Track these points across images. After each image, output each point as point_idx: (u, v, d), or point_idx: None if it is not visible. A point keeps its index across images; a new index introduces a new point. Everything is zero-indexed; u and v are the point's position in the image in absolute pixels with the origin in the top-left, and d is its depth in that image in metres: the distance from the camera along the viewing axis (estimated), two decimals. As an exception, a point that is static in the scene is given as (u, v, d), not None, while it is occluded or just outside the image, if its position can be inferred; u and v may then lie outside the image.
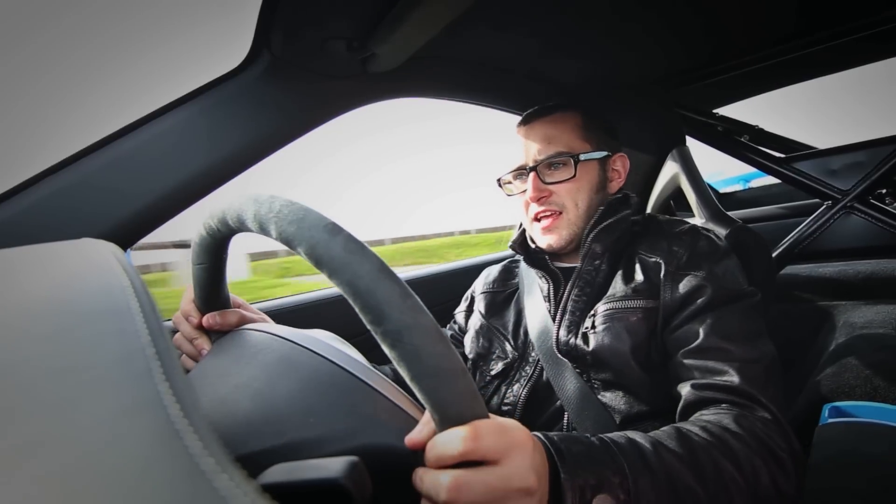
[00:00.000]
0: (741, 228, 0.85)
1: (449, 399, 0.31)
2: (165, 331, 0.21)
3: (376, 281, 0.30)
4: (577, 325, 0.69)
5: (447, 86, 0.99)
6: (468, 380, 0.32)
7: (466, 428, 0.32)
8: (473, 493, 0.32)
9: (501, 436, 0.33)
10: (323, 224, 0.32)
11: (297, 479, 0.27)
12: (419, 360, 0.30)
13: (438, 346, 0.31)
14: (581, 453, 0.40)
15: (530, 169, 0.74)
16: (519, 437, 0.35)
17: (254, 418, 0.35)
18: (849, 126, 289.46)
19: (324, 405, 0.37)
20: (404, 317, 0.30)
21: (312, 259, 0.32)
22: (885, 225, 1.11)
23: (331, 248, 0.31)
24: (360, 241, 0.32)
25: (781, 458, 0.50)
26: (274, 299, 1.04)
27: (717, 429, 0.50)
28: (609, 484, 0.40)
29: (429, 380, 0.30)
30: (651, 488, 0.41)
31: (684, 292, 0.63)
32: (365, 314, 0.31)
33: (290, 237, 0.33)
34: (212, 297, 0.49)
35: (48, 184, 0.61)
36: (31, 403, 0.17)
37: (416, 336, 0.30)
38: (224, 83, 0.72)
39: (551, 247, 0.75)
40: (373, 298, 0.30)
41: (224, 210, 0.38)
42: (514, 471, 0.33)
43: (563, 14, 0.83)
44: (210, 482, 0.15)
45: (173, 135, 0.68)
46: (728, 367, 0.57)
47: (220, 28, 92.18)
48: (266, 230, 0.34)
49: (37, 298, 0.24)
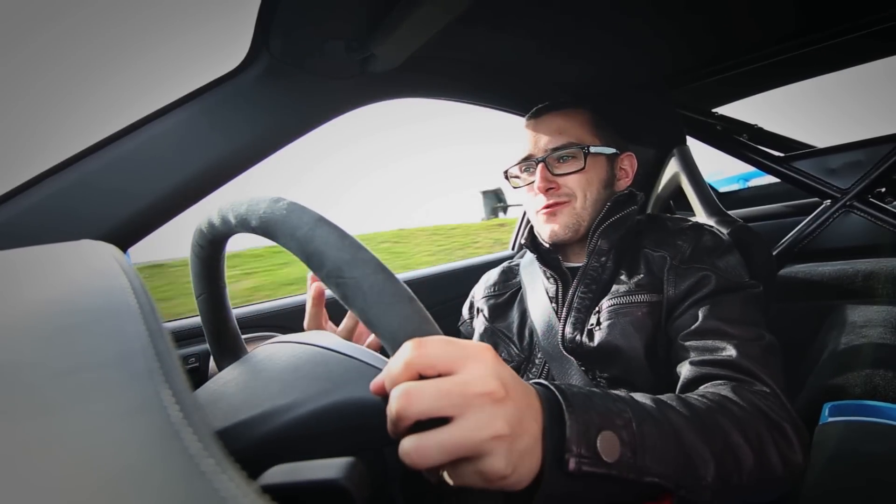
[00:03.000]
0: (741, 227, 0.85)
1: (397, 323, 0.30)
2: (165, 332, 0.21)
3: (314, 228, 0.32)
4: (582, 323, 0.69)
5: (447, 86, 0.99)
6: (416, 304, 0.31)
7: (412, 341, 0.30)
8: (425, 399, 0.28)
9: (450, 344, 0.31)
10: (270, 198, 0.34)
11: (297, 479, 0.27)
12: (362, 291, 0.30)
13: (379, 274, 0.31)
14: (583, 394, 0.38)
15: (539, 160, 0.73)
16: (474, 347, 0.32)
17: (234, 401, 0.37)
18: (848, 125, 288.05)
19: (299, 378, 0.38)
20: (342, 253, 0.31)
21: (262, 230, 0.34)
22: (884, 223, 1.11)
23: (274, 212, 0.33)
24: (300, 204, 0.33)
25: (783, 427, 0.49)
26: (274, 300, 1.04)
27: (717, 397, 0.49)
28: (613, 424, 0.37)
29: (375, 308, 0.30)
30: (657, 436, 0.39)
31: (688, 285, 0.64)
32: (309, 262, 0.32)
33: (244, 218, 0.35)
34: (220, 331, 0.48)
35: (47, 185, 0.61)
36: (31, 404, 0.17)
37: (355, 269, 0.30)
38: (223, 84, 0.72)
39: (555, 234, 0.74)
40: (311, 244, 0.31)
41: (198, 224, 0.41)
42: (471, 376, 0.30)
43: (563, 14, 0.83)
44: (210, 483, 0.15)
45: (173, 136, 0.68)
46: (726, 345, 0.57)
47: (219, 28, 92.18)
48: (227, 223, 0.37)
49: (36, 300, 0.24)
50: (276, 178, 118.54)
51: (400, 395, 0.29)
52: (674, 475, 0.39)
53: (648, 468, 0.38)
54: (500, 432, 0.29)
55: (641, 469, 0.37)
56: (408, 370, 0.29)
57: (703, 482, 0.41)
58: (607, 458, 0.36)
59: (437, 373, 0.30)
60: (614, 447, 0.36)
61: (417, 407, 0.28)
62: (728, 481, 0.42)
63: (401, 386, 0.29)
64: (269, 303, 1.02)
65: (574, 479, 0.34)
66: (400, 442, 0.30)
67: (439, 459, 0.28)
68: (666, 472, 0.38)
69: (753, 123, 1.34)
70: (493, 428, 0.29)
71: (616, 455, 0.36)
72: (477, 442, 0.28)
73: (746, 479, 0.44)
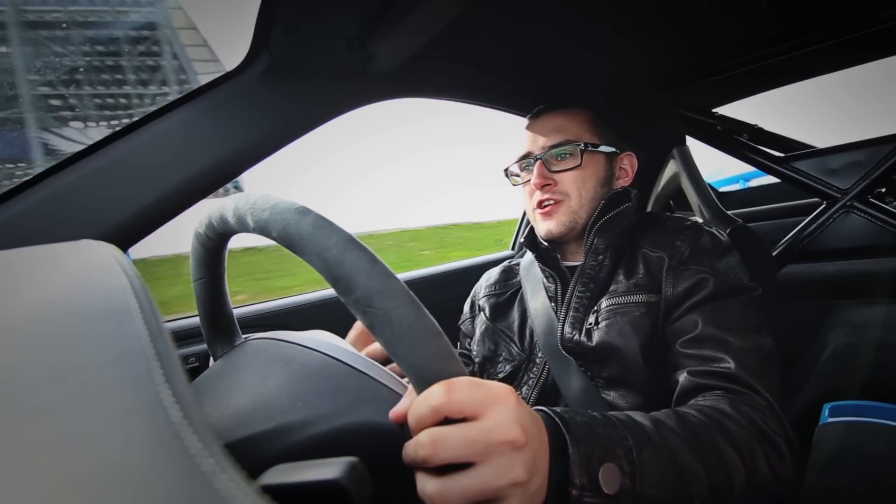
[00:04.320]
0: (741, 228, 0.85)
1: (423, 360, 0.31)
2: (165, 332, 0.21)
3: (344, 251, 0.31)
4: (580, 322, 0.69)
5: (447, 86, 0.99)
6: (443, 340, 0.31)
7: (440, 384, 0.30)
8: (451, 447, 0.30)
9: (478, 388, 0.31)
10: (294, 207, 0.33)
11: (297, 480, 0.27)
12: (390, 323, 0.30)
13: (409, 307, 0.30)
14: (585, 423, 0.39)
15: (536, 157, 0.74)
16: (499, 390, 0.33)
17: (243, 409, 0.36)
18: (848, 125, 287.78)
19: (311, 391, 0.37)
20: (373, 282, 0.30)
21: (285, 241, 0.33)
22: (884, 224, 1.11)
23: (300, 226, 0.32)
24: (328, 219, 0.33)
25: (777, 442, 0.50)
26: (274, 300, 1.04)
27: (713, 412, 0.49)
28: (614, 454, 0.38)
29: (402, 342, 0.30)
30: (655, 462, 0.40)
31: (686, 286, 0.63)
32: (336, 285, 0.31)
33: (264, 224, 0.34)
34: (215, 314, 0.48)
35: (48, 185, 0.61)
36: (30, 405, 0.17)
37: (385, 300, 0.30)
38: (223, 83, 0.72)
39: (550, 232, 0.74)
40: (341, 268, 0.30)
41: (209, 214, 0.39)
42: (495, 424, 0.31)
43: (563, 15, 0.83)
44: (210, 483, 0.15)
45: (173, 135, 0.68)
46: (724, 356, 0.57)
47: (219, 28, 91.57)
48: (244, 224, 0.35)
49: (36, 300, 0.24)
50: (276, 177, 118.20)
51: (427, 442, 0.30)
52: (669, 498, 0.40)
53: (647, 494, 0.39)
54: (518, 479, 0.30)
55: (640, 496, 0.39)
56: (436, 415, 0.30)
57: (695, 500, 0.42)
58: (608, 489, 0.37)
59: (464, 416, 0.31)
60: (615, 478, 0.38)
61: (444, 455, 0.30)
62: (719, 497, 0.43)
63: (427, 432, 0.30)
64: (269, 303, 1.02)
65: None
66: (419, 479, 0.31)
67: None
68: (662, 496, 0.40)
69: (753, 123, 1.34)
70: (513, 475, 0.30)
71: (616, 487, 0.37)
72: (497, 489, 0.30)
73: (737, 494, 0.45)
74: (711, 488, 0.42)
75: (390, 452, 0.33)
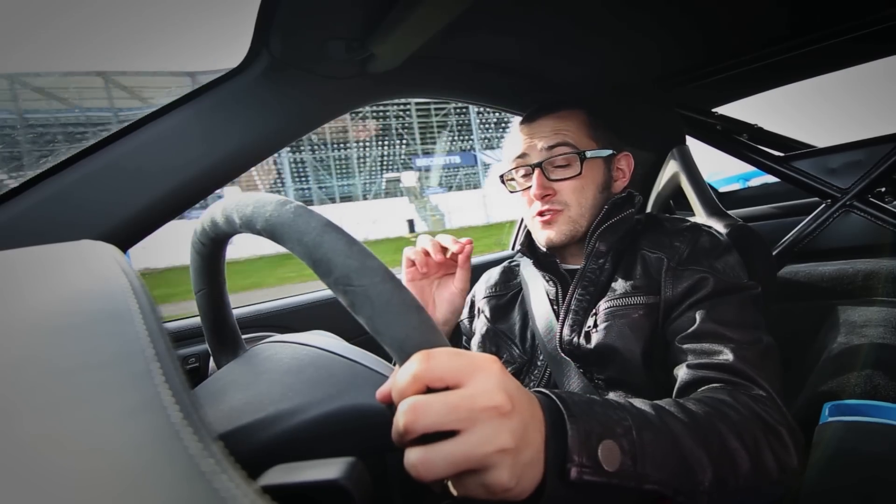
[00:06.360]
0: (741, 227, 0.85)
1: (405, 333, 0.30)
2: (165, 332, 0.22)
3: (322, 234, 0.31)
4: (580, 325, 0.69)
5: (447, 86, 0.99)
6: (424, 314, 0.31)
7: (419, 353, 0.30)
8: (432, 413, 0.29)
9: (458, 356, 0.31)
10: (276, 200, 0.34)
11: (296, 480, 0.27)
12: (370, 300, 0.30)
13: (388, 283, 0.31)
14: (584, 402, 0.39)
15: (535, 165, 0.73)
16: (481, 358, 0.32)
17: (236, 404, 0.37)
18: (848, 125, 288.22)
19: (302, 381, 0.38)
20: (351, 261, 0.30)
21: (268, 232, 0.33)
22: (884, 223, 1.11)
23: (281, 215, 0.33)
24: (307, 207, 0.33)
25: (779, 430, 0.49)
26: (274, 300, 1.04)
27: (713, 401, 0.49)
28: (613, 433, 0.38)
29: (382, 317, 0.30)
30: (656, 443, 0.39)
31: (685, 287, 0.63)
32: (317, 268, 0.31)
33: (248, 218, 0.34)
34: (218, 325, 0.48)
35: (47, 185, 0.61)
36: (30, 405, 0.17)
37: (363, 277, 0.30)
38: (223, 84, 0.72)
39: (550, 241, 0.74)
40: (320, 250, 0.31)
41: (201, 221, 0.40)
42: (478, 390, 0.30)
43: (563, 14, 0.83)
44: (210, 483, 0.15)
45: (172, 136, 0.68)
46: (723, 348, 0.57)
47: (219, 28, 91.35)
48: (232, 223, 0.36)
49: (35, 300, 0.24)
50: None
51: (408, 410, 0.29)
52: (672, 481, 0.39)
53: (648, 476, 0.38)
54: (505, 446, 0.30)
55: (641, 477, 0.38)
56: (416, 383, 0.30)
57: (700, 487, 0.41)
58: (608, 467, 0.36)
59: (445, 385, 0.30)
60: (615, 456, 0.37)
61: (425, 421, 0.29)
62: (724, 485, 0.43)
63: (408, 399, 0.29)
64: (269, 303, 1.02)
65: (575, 487, 0.35)
66: (405, 452, 0.30)
67: (445, 472, 0.29)
68: (665, 479, 0.39)
69: (753, 123, 1.34)
70: (499, 442, 0.29)
71: (617, 464, 0.36)
72: (483, 455, 0.29)
73: (742, 482, 0.44)
74: (716, 475, 0.42)
75: (381, 434, 0.33)
